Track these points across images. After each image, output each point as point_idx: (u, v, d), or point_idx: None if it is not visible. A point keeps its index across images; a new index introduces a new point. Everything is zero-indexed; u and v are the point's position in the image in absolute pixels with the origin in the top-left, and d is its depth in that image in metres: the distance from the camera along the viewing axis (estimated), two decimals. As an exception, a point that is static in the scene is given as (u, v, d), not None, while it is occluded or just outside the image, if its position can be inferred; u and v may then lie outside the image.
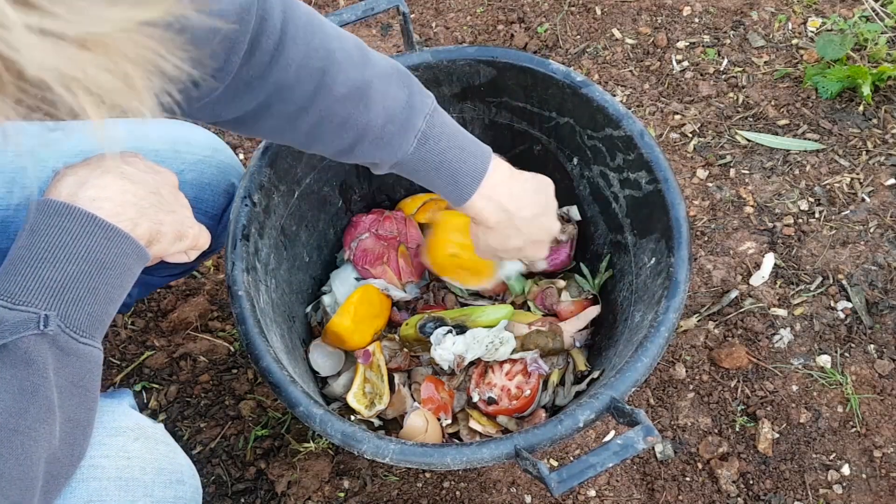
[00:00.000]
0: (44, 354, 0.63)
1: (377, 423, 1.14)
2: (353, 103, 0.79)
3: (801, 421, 1.25)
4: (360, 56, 0.80)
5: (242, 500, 1.22)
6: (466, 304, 1.20)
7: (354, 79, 0.78)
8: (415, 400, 1.13)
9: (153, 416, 1.29)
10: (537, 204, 0.94)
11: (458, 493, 1.21)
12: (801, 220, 1.43)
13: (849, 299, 1.34)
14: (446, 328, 1.11)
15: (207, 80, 0.69)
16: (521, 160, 1.24)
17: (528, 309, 1.20)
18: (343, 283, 1.21)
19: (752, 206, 1.45)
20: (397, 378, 1.15)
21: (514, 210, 0.91)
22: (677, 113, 1.58)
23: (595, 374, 1.07)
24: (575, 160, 1.16)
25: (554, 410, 1.13)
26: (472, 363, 1.13)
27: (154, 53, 0.43)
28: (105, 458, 0.71)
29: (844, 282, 1.35)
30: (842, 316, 1.33)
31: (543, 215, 0.96)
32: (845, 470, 1.21)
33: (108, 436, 0.73)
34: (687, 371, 1.30)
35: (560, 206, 1.24)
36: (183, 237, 0.77)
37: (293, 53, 0.75)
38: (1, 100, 0.40)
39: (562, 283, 1.20)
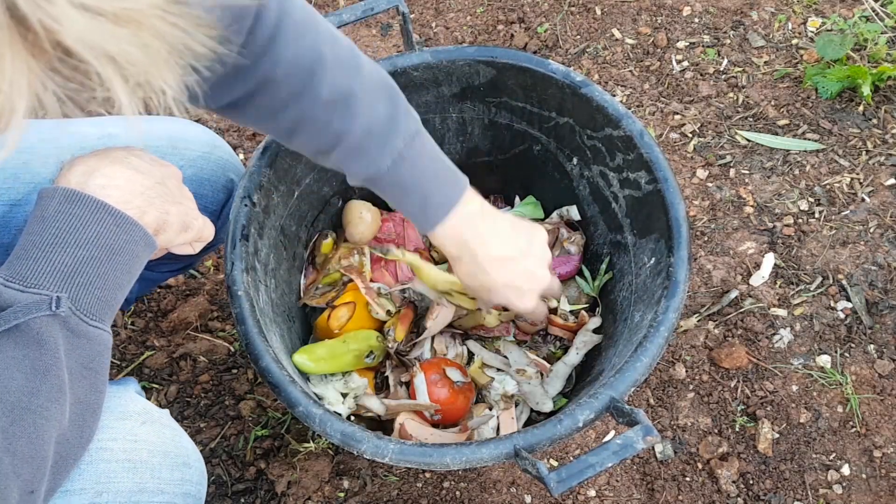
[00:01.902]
0: (55, 335, 0.64)
1: (374, 414, 1.13)
2: (335, 110, 0.79)
3: (801, 421, 1.25)
4: (352, 63, 0.79)
5: (242, 500, 1.22)
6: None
7: (341, 86, 0.78)
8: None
9: (153, 416, 1.29)
10: (511, 246, 0.89)
11: (458, 493, 1.21)
12: (801, 220, 1.43)
13: (849, 299, 1.34)
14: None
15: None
16: (521, 160, 1.24)
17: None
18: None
19: (752, 206, 1.45)
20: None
21: (476, 247, 0.87)
22: (677, 113, 1.58)
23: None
24: (574, 160, 1.16)
25: (546, 413, 1.13)
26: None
27: (180, 30, 0.46)
28: (113, 441, 0.73)
29: (844, 282, 1.35)
30: (842, 316, 1.33)
31: (520, 260, 0.90)
32: (845, 470, 1.21)
33: (115, 420, 0.74)
34: (687, 371, 1.30)
35: (560, 207, 1.25)
36: (188, 228, 0.79)
37: (284, 50, 0.75)
38: (40, 68, 0.43)
39: (554, 302, 1.17)
